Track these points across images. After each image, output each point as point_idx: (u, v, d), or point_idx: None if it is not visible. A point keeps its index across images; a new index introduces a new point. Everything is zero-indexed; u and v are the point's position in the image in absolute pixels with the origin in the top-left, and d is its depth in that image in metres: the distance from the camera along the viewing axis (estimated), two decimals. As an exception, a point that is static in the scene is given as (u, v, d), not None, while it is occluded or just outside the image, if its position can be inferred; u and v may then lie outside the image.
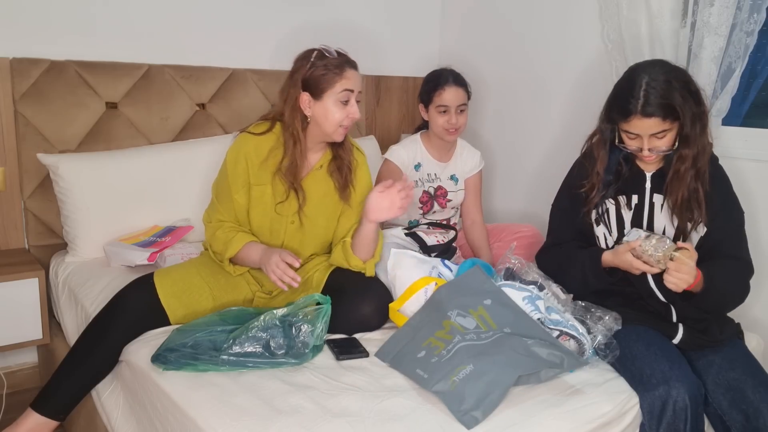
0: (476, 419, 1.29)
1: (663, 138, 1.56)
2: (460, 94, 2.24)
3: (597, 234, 1.73)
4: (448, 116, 2.23)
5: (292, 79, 1.69)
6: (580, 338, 1.54)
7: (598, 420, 1.37)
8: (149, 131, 2.36)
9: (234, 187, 1.74)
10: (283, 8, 2.63)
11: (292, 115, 1.69)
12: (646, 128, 1.54)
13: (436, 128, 2.26)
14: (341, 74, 1.66)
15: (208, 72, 2.45)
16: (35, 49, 2.13)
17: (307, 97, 1.67)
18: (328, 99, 1.67)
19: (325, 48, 1.68)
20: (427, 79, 2.31)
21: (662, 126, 1.53)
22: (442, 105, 2.22)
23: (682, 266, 1.49)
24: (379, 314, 1.72)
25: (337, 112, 1.68)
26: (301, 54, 1.72)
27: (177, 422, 1.35)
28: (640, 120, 1.53)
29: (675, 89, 1.52)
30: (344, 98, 1.68)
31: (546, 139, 2.71)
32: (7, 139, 2.10)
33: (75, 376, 1.64)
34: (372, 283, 1.79)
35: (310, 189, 1.77)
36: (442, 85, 2.22)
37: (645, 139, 1.56)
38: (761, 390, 1.47)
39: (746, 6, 1.94)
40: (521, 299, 1.62)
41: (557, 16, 2.61)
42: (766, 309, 2.02)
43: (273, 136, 1.74)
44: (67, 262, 2.13)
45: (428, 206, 2.35)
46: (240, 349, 1.46)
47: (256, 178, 1.74)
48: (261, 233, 1.78)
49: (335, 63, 1.67)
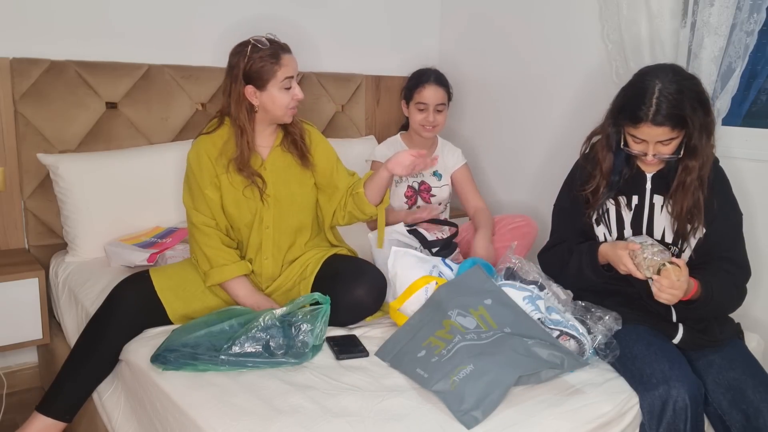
0: (476, 419, 1.29)
1: (668, 145, 1.56)
2: (440, 94, 2.32)
3: (597, 234, 1.73)
4: (426, 114, 2.31)
5: (231, 75, 1.74)
6: (580, 338, 1.54)
7: (598, 420, 1.37)
8: (149, 131, 2.36)
9: (203, 183, 1.77)
10: (283, 8, 2.63)
11: (237, 108, 1.75)
12: (654, 136, 1.54)
13: (414, 124, 2.35)
14: (279, 62, 1.72)
15: (208, 72, 2.45)
16: (35, 49, 2.13)
17: (252, 89, 1.73)
18: (272, 88, 1.73)
19: (256, 39, 1.73)
20: (410, 77, 2.40)
21: (670, 135, 1.53)
22: (422, 102, 2.31)
23: (664, 280, 1.47)
24: (373, 296, 1.75)
25: (283, 97, 1.75)
26: (235, 49, 1.76)
27: (177, 422, 1.35)
28: (649, 128, 1.53)
29: (686, 99, 1.51)
30: (287, 84, 1.74)
31: (546, 139, 2.71)
32: (7, 139, 2.10)
33: (78, 376, 1.65)
34: (365, 267, 1.82)
35: (275, 165, 1.84)
36: (423, 83, 2.31)
37: (651, 145, 1.56)
38: (761, 390, 1.47)
39: (746, 6, 1.94)
40: (522, 299, 1.62)
41: (557, 16, 2.61)
42: (766, 309, 2.02)
43: (225, 129, 1.80)
44: (67, 262, 2.13)
45: (413, 200, 2.40)
46: (239, 349, 1.46)
47: (220, 169, 1.78)
48: (241, 217, 1.81)
49: (269, 53, 1.72)
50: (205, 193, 1.77)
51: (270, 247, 1.84)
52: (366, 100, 2.96)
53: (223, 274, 1.76)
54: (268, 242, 1.83)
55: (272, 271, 1.85)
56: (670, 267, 1.48)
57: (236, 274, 1.77)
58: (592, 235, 1.75)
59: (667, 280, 1.47)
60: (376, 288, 1.76)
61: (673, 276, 1.47)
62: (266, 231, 1.83)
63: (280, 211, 1.83)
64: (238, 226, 1.83)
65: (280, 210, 1.83)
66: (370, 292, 1.75)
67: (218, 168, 1.78)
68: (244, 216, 1.81)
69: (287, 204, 1.84)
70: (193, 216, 1.79)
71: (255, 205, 1.81)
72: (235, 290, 1.77)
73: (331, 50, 2.83)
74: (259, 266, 1.84)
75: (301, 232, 1.89)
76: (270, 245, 1.84)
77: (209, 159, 1.78)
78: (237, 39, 1.67)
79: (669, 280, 1.47)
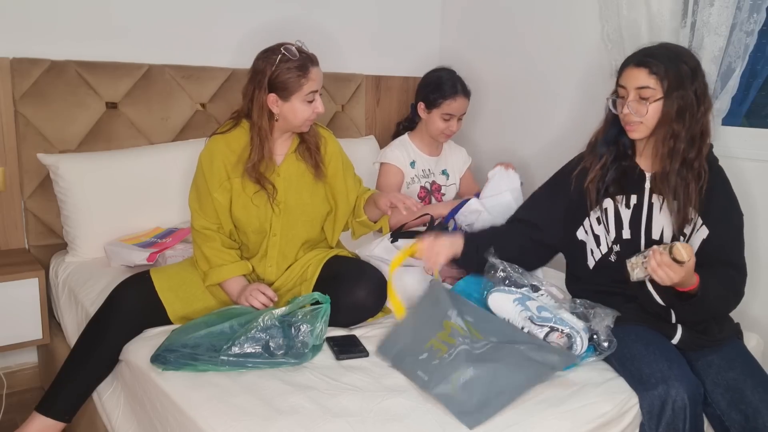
0: (478, 420, 1.29)
1: (646, 100, 1.56)
2: (465, 105, 2.36)
3: (596, 233, 1.73)
4: (450, 123, 2.33)
5: (256, 80, 1.71)
6: (571, 332, 1.53)
7: (598, 420, 1.37)
8: (149, 131, 2.36)
9: (212, 186, 1.75)
10: (284, 9, 2.63)
11: (260, 115, 1.72)
12: (633, 79, 1.57)
13: (434, 131, 2.34)
14: (306, 76, 1.70)
15: (208, 72, 2.45)
16: (36, 49, 2.13)
17: (274, 97, 1.71)
18: (295, 100, 1.71)
19: (286, 48, 1.69)
20: (434, 83, 2.36)
21: (647, 81, 1.55)
22: (449, 113, 2.31)
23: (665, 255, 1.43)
24: (375, 297, 1.75)
25: (304, 110, 1.73)
26: (263, 54, 1.72)
27: (177, 422, 1.35)
28: (630, 69, 1.58)
29: (670, 53, 1.57)
30: (310, 98, 1.73)
31: (545, 138, 2.71)
32: (7, 139, 2.11)
33: (78, 376, 1.65)
34: (366, 268, 1.82)
35: (288, 172, 1.82)
36: (453, 96, 2.32)
37: (630, 93, 1.58)
38: (760, 390, 1.47)
39: (746, 6, 1.95)
40: (512, 301, 1.62)
41: (557, 16, 2.61)
42: (765, 309, 2.02)
43: (242, 132, 1.77)
44: (67, 262, 2.13)
45: (426, 201, 2.40)
46: (239, 349, 1.46)
47: (235, 172, 1.76)
48: (249, 222, 1.79)
49: (298, 64, 1.69)
50: (213, 196, 1.75)
51: (275, 255, 1.83)
52: (366, 100, 2.96)
53: (221, 274, 1.75)
54: (273, 250, 1.82)
55: (274, 277, 1.85)
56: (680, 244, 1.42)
57: (234, 274, 1.76)
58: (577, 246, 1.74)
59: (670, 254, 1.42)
60: (377, 289, 1.75)
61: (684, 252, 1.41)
62: (273, 239, 1.82)
63: (288, 220, 1.82)
64: (245, 230, 1.81)
65: (288, 219, 1.82)
66: (372, 294, 1.74)
67: (232, 172, 1.75)
68: (252, 222, 1.79)
69: (297, 213, 1.82)
70: (196, 219, 1.79)
71: (264, 213, 1.79)
72: (230, 289, 1.76)
73: (331, 50, 2.82)
74: (262, 272, 1.84)
75: (308, 243, 1.89)
76: (275, 254, 1.83)
77: (222, 162, 1.75)
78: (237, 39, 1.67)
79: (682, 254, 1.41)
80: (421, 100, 2.37)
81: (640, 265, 1.51)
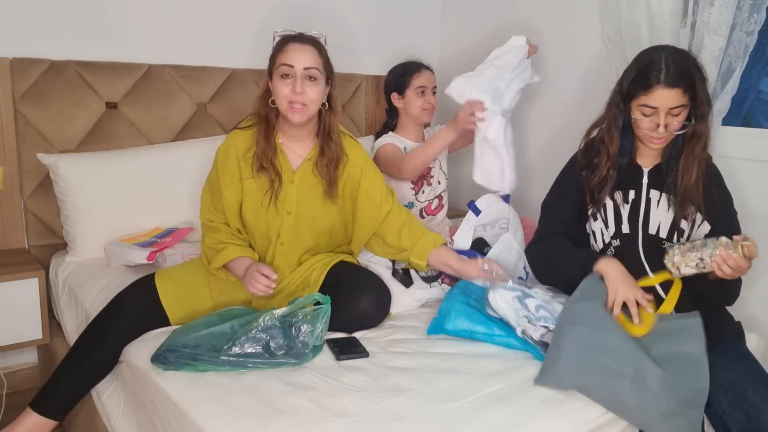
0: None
1: (678, 115, 1.56)
2: (433, 78, 2.45)
3: (594, 229, 1.73)
4: (426, 96, 2.39)
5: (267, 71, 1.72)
6: None
7: (598, 420, 1.37)
8: (149, 131, 2.36)
9: (224, 184, 1.73)
10: (283, 9, 2.63)
11: (260, 102, 1.72)
12: (668, 100, 1.54)
13: (415, 110, 2.39)
14: (281, 49, 1.65)
15: (208, 72, 2.45)
16: (35, 49, 2.13)
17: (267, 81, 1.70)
18: (274, 77, 1.67)
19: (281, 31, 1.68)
20: (397, 71, 2.46)
21: (682, 99, 1.54)
22: (421, 86, 2.38)
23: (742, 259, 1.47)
24: (378, 308, 1.73)
25: (281, 88, 1.64)
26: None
27: (177, 422, 1.35)
28: (663, 90, 1.54)
29: (691, 65, 1.57)
30: (282, 72, 1.64)
31: (544, 138, 2.71)
32: (7, 139, 2.10)
33: (74, 376, 1.64)
34: (370, 278, 1.79)
35: (303, 180, 1.77)
36: (418, 70, 2.41)
37: (662, 115, 1.56)
38: (762, 390, 1.47)
39: (746, 6, 1.94)
40: (512, 298, 1.63)
41: (557, 16, 2.61)
42: (765, 309, 2.02)
43: (257, 128, 1.76)
44: (67, 262, 2.13)
45: (419, 185, 2.41)
46: (240, 349, 1.46)
47: (246, 171, 1.74)
48: (257, 226, 1.77)
49: (280, 42, 1.68)
50: (223, 194, 1.73)
51: (282, 263, 1.80)
52: (366, 100, 2.96)
53: (227, 254, 1.72)
54: (280, 258, 1.80)
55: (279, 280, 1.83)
56: (750, 240, 1.48)
57: (238, 254, 1.73)
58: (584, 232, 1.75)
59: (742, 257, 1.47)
60: (380, 300, 1.73)
61: (756, 250, 1.47)
62: (280, 247, 1.79)
63: (297, 230, 1.78)
64: (252, 233, 1.80)
65: (297, 229, 1.78)
66: (375, 304, 1.72)
67: (244, 171, 1.73)
68: (260, 226, 1.77)
69: (306, 225, 1.79)
70: (204, 212, 1.78)
71: (273, 218, 1.76)
72: (236, 270, 1.72)
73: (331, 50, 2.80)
74: None
75: (314, 249, 1.86)
76: (282, 261, 1.80)
77: (236, 158, 1.73)
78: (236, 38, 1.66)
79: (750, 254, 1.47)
80: (392, 92, 2.43)
81: (691, 260, 1.53)
